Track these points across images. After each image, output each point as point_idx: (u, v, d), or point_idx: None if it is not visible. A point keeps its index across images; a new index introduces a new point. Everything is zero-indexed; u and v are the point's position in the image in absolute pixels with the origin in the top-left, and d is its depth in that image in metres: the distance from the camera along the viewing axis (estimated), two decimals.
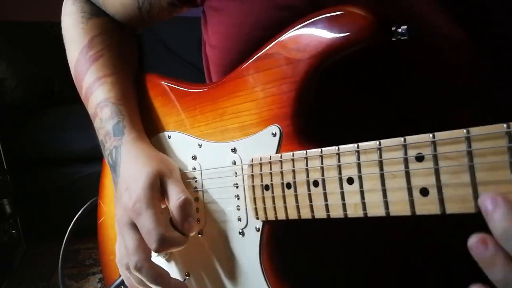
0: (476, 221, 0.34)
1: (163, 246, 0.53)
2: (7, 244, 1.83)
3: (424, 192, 0.37)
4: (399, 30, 0.42)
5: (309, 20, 0.47)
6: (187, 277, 0.62)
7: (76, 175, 1.89)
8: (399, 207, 0.39)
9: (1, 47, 2.39)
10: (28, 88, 2.39)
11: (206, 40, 0.66)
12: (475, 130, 0.34)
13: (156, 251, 0.54)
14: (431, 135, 0.37)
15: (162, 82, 0.67)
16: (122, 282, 0.75)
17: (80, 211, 0.83)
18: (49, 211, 1.71)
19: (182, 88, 0.64)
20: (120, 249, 0.59)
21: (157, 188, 0.56)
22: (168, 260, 0.65)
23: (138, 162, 0.59)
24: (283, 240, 0.52)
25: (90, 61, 0.69)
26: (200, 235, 0.60)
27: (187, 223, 0.54)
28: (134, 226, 0.56)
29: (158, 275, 0.55)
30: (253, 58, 0.53)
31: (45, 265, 1.85)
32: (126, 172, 0.60)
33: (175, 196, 0.55)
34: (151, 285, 0.55)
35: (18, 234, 1.92)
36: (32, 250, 1.99)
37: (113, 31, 0.72)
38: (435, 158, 0.36)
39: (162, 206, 0.58)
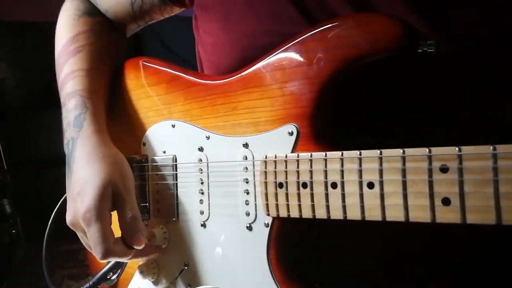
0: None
1: (106, 258, 0.58)
2: (7, 244, 1.82)
3: (446, 201, 0.39)
4: (427, 42, 0.44)
5: (336, 22, 0.48)
6: (186, 267, 0.62)
7: None
8: (419, 214, 0.41)
9: (1, 47, 2.36)
10: (28, 88, 2.37)
11: (197, 39, 0.68)
12: (501, 148, 0.37)
13: (100, 260, 0.58)
14: (457, 148, 0.39)
15: (168, 69, 0.66)
16: (110, 269, 0.74)
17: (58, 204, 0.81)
18: (49, 211, 1.68)
19: (190, 78, 0.63)
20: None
21: (108, 198, 0.58)
22: (166, 249, 0.65)
23: (91, 164, 0.60)
24: (292, 238, 0.53)
25: (70, 54, 0.71)
26: (203, 227, 0.60)
27: (134, 238, 0.57)
28: (84, 235, 0.60)
29: (124, 256, 0.59)
30: (272, 55, 0.53)
31: None
32: (79, 172, 0.62)
33: (124, 213, 0.58)
34: (126, 257, 0.60)
35: (18, 234, 1.90)
36: (32, 250, 1.93)
37: (100, 32, 0.74)
38: (460, 171, 0.38)
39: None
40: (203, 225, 0.60)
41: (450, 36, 0.49)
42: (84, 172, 0.60)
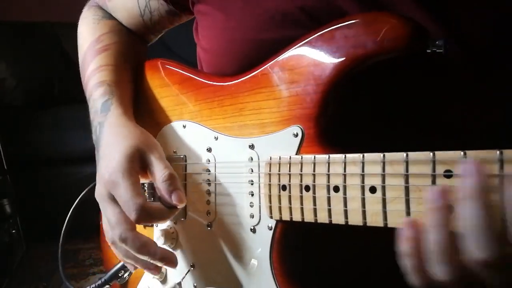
0: None
1: (142, 216, 0.52)
2: (7, 244, 1.83)
3: (450, 208, 0.37)
4: (436, 42, 0.42)
5: (342, 22, 0.47)
6: (192, 268, 0.62)
7: (76, 175, 1.88)
8: (422, 221, 0.39)
9: (1, 47, 2.38)
10: (28, 88, 2.38)
11: (197, 43, 0.68)
12: (508, 152, 0.34)
13: (136, 222, 0.53)
14: (462, 152, 0.37)
15: (181, 71, 0.66)
16: (122, 267, 0.75)
17: (84, 191, 0.82)
18: (49, 211, 1.66)
19: (200, 79, 0.63)
20: (105, 226, 0.59)
21: (136, 161, 0.56)
22: (173, 249, 0.65)
23: (118, 135, 0.60)
24: (295, 242, 0.52)
25: (96, 53, 0.73)
26: (209, 228, 0.60)
27: (174, 195, 0.54)
28: (113, 199, 0.56)
29: (143, 244, 0.54)
30: (279, 56, 0.52)
31: (45, 265, 1.85)
32: (106, 145, 0.60)
33: (159, 172, 0.55)
34: (137, 255, 0.56)
35: (18, 234, 1.92)
36: (32, 250, 1.99)
37: (121, 32, 0.77)
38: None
39: (143, 181, 0.58)
40: (209, 226, 0.60)
41: (458, 36, 0.47)
42: (111, 142, 0.60)
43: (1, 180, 1.84)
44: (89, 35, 0.75)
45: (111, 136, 0.61)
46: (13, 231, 1.88)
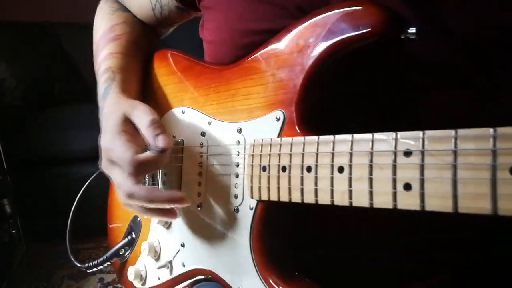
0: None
1: (137, 168, 0.55)
2: (7, 244, 1.82)
3: (408, 187, 0.38)
4: (410, 30, 0.43)
5: (325, 12, 0.49)
6: (182, 247, 0.65)
7: (76, 175, 1.82)
8: (382, 199, 0.40)
9: (1, 47, 2.39)
10: (28, 88, 2.37)
11: (203, 38, 0.71)
12: (462, 131, 0.35)
13: (133, 175, 0.56)
14: (421, 132, 0.38)
15: (184, 59, 0.70)
16: (123, 246, 0.79)
17: (91, 178, 0.86)
18: (49, 211, 1.69)
19: (200, 67, 0.66)
20: (116, 190, 0.62)
21: (127, 124, 0.60)
22: (167, 228, 0.68)
23: (112, 112, 0.64)
24: (275, 222, 0.54)
25: (108, 41, 0.77)
26: (199, 208, 0.62)
27: (158, 139, 0.56)
28: (113, 162, 0.59)
29: (149, 194, 0.57)
30: (269, 44, 0.55)
31: (45, 265, 1.85)
32: (104, 128, 0.64)
33: (143, 120, 0.59)
34: (148, 205, 0.58)
35: (18, 234, 1.91)
36: (32, 250, 1.99)
37: (134, 23, 0.81)
38: (422, 155, 0.37)
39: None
40: (199, 206, 0.62)
41: (458, 36, 0.47)
42: (107, 123, 0.63)
43: (1, 180, 1.83)
44: (103, 24, 0.80)
45: (107, 116, 0.64)
46: (13, 231, 1.86)
